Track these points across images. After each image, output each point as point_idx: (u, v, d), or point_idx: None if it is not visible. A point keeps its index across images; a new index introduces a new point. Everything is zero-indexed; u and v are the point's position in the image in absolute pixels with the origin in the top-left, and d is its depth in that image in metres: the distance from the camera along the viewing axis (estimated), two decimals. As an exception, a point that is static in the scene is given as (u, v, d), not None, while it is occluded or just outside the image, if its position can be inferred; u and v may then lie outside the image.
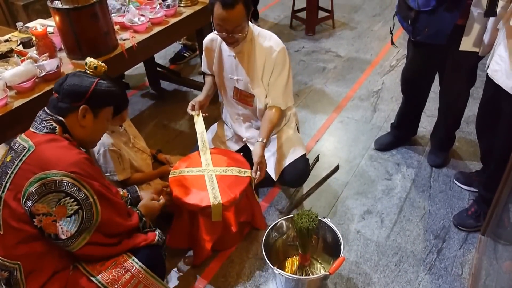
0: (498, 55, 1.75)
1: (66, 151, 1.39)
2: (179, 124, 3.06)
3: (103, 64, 1.54)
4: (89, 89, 1.46)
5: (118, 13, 2.51)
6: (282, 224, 1.94)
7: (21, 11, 3.79)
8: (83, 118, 1.46)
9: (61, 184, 1.31)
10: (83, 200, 1.34)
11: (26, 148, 1.37)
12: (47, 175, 1.30)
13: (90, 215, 1.37)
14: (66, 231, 1.34)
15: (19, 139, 1.43)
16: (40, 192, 1.30)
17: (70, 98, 1.44)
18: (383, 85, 3.35)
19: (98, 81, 1.49)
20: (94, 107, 1.48)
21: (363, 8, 4.77)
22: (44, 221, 1.33)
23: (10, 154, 1.40)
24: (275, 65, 2.02)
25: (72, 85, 1.45)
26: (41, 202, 1.31)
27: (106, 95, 1.51)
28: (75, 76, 1.49)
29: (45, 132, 1.41)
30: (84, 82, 1.47)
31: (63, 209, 1.33)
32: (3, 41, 2.31)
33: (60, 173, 1.31)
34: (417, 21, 2.01)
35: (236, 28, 1.88)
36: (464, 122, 2.73)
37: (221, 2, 1.81)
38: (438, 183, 2.44)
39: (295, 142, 2.22)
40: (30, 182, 1.30)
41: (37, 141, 1.38)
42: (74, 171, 1.33)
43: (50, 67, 1.98)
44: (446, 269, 1.98)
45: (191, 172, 2.00)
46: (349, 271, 1.99)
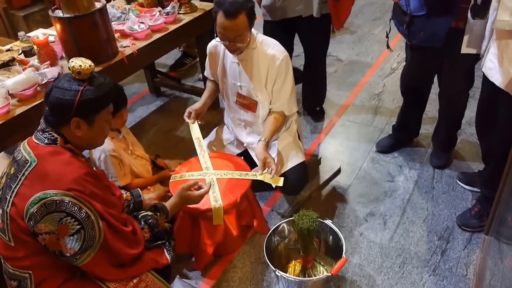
0: (492, 53, 1.75)
1: (66, 167, 1.34)
2: (179, 131, 3.07)
3: (88, 64, 1.38)
4: (74, 101, 1.34)
5: (118, 21, 2.53)
6: (283, 227, 1.94)
7: (21, 22, 3.85)
8: (77, 129, 1.39)
9: (61, 204, 1.28)
10: (84, 219, 1.31)
11: (28, 161, 1.34)
12: (47, 194, 1.27)
13: (92, 233, 1.34)
14: (70, 249, 1.33)
15: (22, 149, 1.41)
16: (41, 212, 1.28)
17: (57, 113, 1.37)
18: (384, 88, 3.36)
19: (83, 90, 1.35)
20: (86, 116, 1.39)
21: (363, 12, 4.78)
22: (48, 239, 1.32)
23: (13, 167, 1.38)
24: (278, 73, 2.04)
25: (56, 98, 1.35)
26: (43, 222, 1.29)
27: (96, 101, 1.39)
28: (58, 88, 1.36)
29: (46, 143, 1.37)
30: (67, 94, 1.34)
31: (65, 228, 1.31)
32: (4, 50, 2.34)
33: (60, 193, 1.28)
34: (412, 25, 2.02)
35: (238, 37, 1.89)
36: (465, 123, 2.73)
37: (223, 11, 1.82)
38: (441, 184, 2.43)
39: (295, 149, 2.22)
40: (30, 202, 1.28)
41: (39, 154, 1.35)
42: (74, 189, 1.30)
43: (51, 74, 2.00)
44: (450, 270, 1.97)
45: (192, 176, 2.00)
46: (353, 274, 1.98)
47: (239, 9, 1.81)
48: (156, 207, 1.63)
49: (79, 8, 2.00)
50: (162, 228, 1.58)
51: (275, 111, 2.12)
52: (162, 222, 1.59)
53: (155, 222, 1.56)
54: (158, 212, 1.61)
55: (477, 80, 2.24)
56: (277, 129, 2.12)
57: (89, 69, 1.37)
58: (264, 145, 2.00)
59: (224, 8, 1.81)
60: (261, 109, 2.13)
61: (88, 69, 1.37)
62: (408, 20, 2.00)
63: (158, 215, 1.59)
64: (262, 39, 2.05)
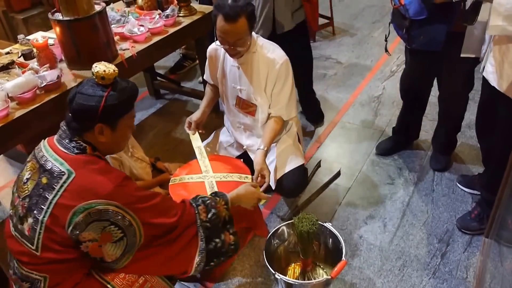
0: (492, 57, 1.75)
1: (106, 176, 1.34)
2: (179, 133, 3.07)
3: (112, 69, 1.37)
4: (98, 107, 1.34)
5: (118, 24, 2.53)
6: (283, 230, 1.93)
7: (21, 25, 3.85)
8: (101, 135, 1.39)
9: (106, 213, 1.30)
10: (127, 227, 1.34)
11: (64, 173, 1.32)
12: (91, 205, 1.29)
13: (133, 240, 1.37)
14: (111, 255, 1.36)
15: (49, 157, 1.38)
16: (86, 221, 1.29)
17: (81, 119, 1.37)
18: (384, 90, 3.36)
19: (108, 96, 1.35)
20: (110, 121, 1.38)
21: (363, 14, 4.79)
22: (90, 247, 1.33)
23: (45, 176, 1.35)
24: (278, 77, 2.03)
25: (79, 104, 1.35)
26: (87, 231, 1.30)
27: (120, 106, 1.38)
28: (82, 94, 1.36)
29: (76, 153, 1.37)
30: (91, 100, 1.34)
31: (108, 235, 1.33)
32: (4, 53, 2.34)
33: (104, 202, 1.30)
34: (412, 30, 2.02)
35: (238, 41, 1.88)
36: (465, 125, 2.73)
37: (223, 14, 1.81)
38: (441, 187, 2.42)
39: (294, 151, 2.22)
40: (75, 212, 1.29)
41: (74, 165, 1.34)
42: (117, 198, 1.32)
43: (50, 77, 2.00)
44: (450, 273, 1.96)
45: (192, 179, 2.00)
46: (352, 277, 1.98)
47: (239, 13, 1.80)
48: (216, 193, 1.66)
49: (79, 11, 2.00)
50: (219, 212, 1.58)
51: (274, 115, 2.11)
52: (221, 207, 1.59)
53: (213, 204, 1.57)
54: (218, 196, 1.62)
55: (477, 82, 2.24)
56: (276, 135, 2.12)
57: (113, 74, 1.37)
58: (263, 154, 1.98)
59: (224, 12, 1.80)
60: (260, 113, 2.12)
61: (112, 74, 1.36)
62: (407, 24, 2.00)
63: (216, 200, 1.60)
64: (263, 43, 2.05)
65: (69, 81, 2.07)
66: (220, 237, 1.58)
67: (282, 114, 2.11)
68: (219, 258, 1.60)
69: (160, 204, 1.45)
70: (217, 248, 1.57)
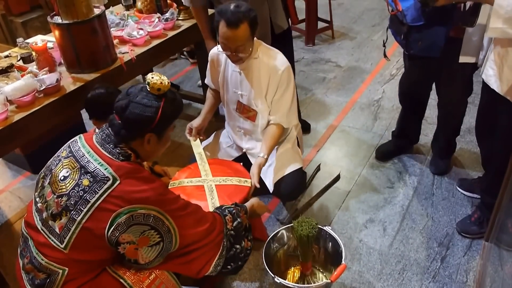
0: (492, 60, 1.75)
1: (148, 185, 1.38)
2: (178, 137, 3.06)
3: (166, 81, 1.40)
4: (155, 119, 1.38)
5: (117, 27, 2.54)
6: (282, 234, 1.93)
7: (19, 28, 3.85)
8: (148, 144, 1.43)
9: (148, 218, 1.35)
10: (165, 233, 1.39)
11: (109, 179, 1.35)
12: (136, 208, 1.33)
13: (169, 246, 1.43)
14: (145, 258, 1.40)
15: (91, 159, 1.39)
16: (128, 223, 1.33)
17: (134, 129, 1.39)
18: (383, 94, 3.36)
19: (164, 106, 1.39)
20: (160, 131, 1.44)
21: (362, 18, 4.80)
22: (127, 249, 1.37)
23: (87, 178, 1.37)
24: (279, 84, 2.03)
25: (135, 114, 1.36)
26: (128, 232, 1.34)
27: (171, 117, 1.45)
28: (137, 103, 1.37)
29: (121, 160, 1.39)
30: (148, 110, 1.37)
31: (146, 239, 1.37)
32: (3, 56, 2.34)
33: (147, 207, 1.35)
34: (410, 35, 2.02)
35: (240, 47, 1.88)
36: (465, 129, 2.72)
37: (225, 20, 1.81)
38: (440, 191, 2.42)
39: (293, 155, 2.21)
40: (118, 213, 1.32)
41: (118, 171, 1.36)
42: (159, 205, 1.37)
43: (50, 81, 2.00)
44: (450, 276, 1.95)
45: (191, 182, 2.00)
46: (352, 280, 1.97)
47: (241, 18, 1.80)
48: (236, 203, 1.74)
49: (78, 15, 2.00)
50: (243, 221, 1.68)
51: (274, 123, 2.09)
52: (243, 215, 1.69)
53: (237, 212, 1.67)
54: (239, 206, 1.72)
55: (476, 86, 2.24)
56: (276, 143, 2.11)
57: (167, 86, 1.41)
58: (261, 162, 1.98)
59: (226, 18, 1.80)
60: (260, 118, 2.12)
61: (167, 86, 1.40)
62: (405, 30, 2.00)
63: (239, 209, 1.70)
64: (265, 49, 2.05)
65: (68, 85, 2.07)
66: (241, 244, 1.67)
67: (282, 122, 2.09)
68: (237, 262, 1.67)
69: (195, 213, 1.52)
70: (236, 254, 1.65)
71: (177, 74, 3.96)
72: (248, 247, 1.70)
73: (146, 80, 1.39)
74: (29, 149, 2.68)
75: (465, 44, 1.96)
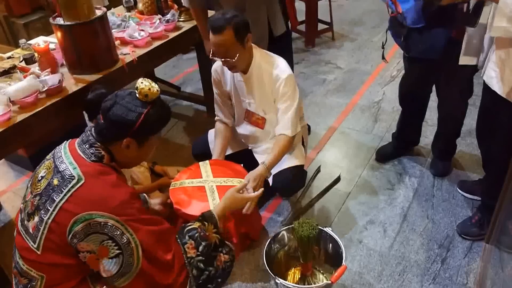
0: (493, 62, 1.76)
1: (114, 190, 1.35)
2: (179, 138, 3.07)
3: (156, 89, 1.39)
4: (135, 123, 1.36)
5: (118, 29, 2.55)
6: (283, 235, 1.93)
7: (21, 30, 3.86)
8: (127, 148, 1.40)
9: (105, 226, 1.30)
10: (124, 245, 1.33)
11: (74, 177, 1.33)
12: (92, 215, 1.29)
13: (130, 260, 1.35)
14: (107, 271, 1.35)
15: (65, 159, 1.39)
16: (85, 231, 1.30)
17: (114, 130, 1.38)
18: (384, 96, 3.36)
19: (147, 113, 1.37)
20: (140, 138, 1.41)
21: (362, 20, 4.81)
22: (88, 258, 1.34)
23: (57, 177, 1.36)
24: (281, 94, 2.00)
25: (117, 116, 1.36)
26: (86, 241, 1.31)
27: (154, 126, 1.43)
28: (121, 105, 1.37)
29: (92, 160, 1.37)
30: (130, 114, 1.36)
31: (105, 250, 1.33)
32: (5, 58, 2.35)
33: (105, 216, 1.30)
34: (410, 38, 2.03)
35: (227, 53, 1.88)
36: (466, 131, 2.73)
37: (210, 26, 1.85)
38: (441, 192, 2.42)
39: (296, 151, 2.22)
40: (75, 221, 1.29)
41: (85, 172, 1.34)
42: (120, 214, 1.32)
43: (52, 82, 2.01)
44: (450, 278, 1.96)
45: (192, 183, 2.00)
46: (352, 282, 1.97)
47: (224, 24, 1.81)
48: (203, 216, 1.60)
49: (80, 16, 2.01)
50: (209, 241, 1.54)
51: (281, 133, 2.02)
52: (210, 233, 1.56)
53: (203, 235, 1.53)
54: (206, 221, 1.58)
55: (477, 88, 2.25)
56: (284, 154, 2.04)
57: (156, 93, 1.39)
58: (262, 171, 1.91)
59: (210, 24, 1.85)
60: (269, 125, 2.12)
61: (155, 94, 1.39)
62: (405, 32, 2.01)
63: (206, 225, 1.56)
64: (266, 57, 2.03)
65: (70, 86, 2.08)
66: (213, 265, 1.54)
67: (287, 132, 2.02)
68: (216, 281, 1.55)
69: (161, 233, 1.43)
70: (211, 276, 1.53)
71: (177, 75, 3.98)
72: (226, 260, 1.59)
73: (136, 85, 1.38)
74: (32, 149, 2.68)
75: (465, 46, 1.97)
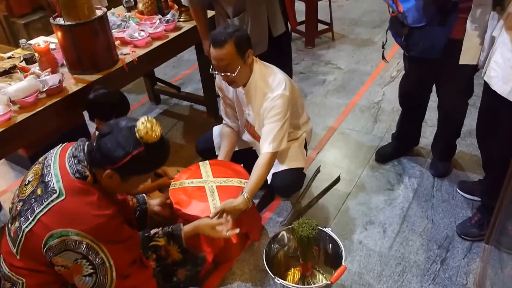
0: (494, 62, 1.76)
1: (92, 211, 1.33)
2: (179, 139, 3.08)
3: (155, 133, 1.32)
4: (120, 161, 1.31)
5: (118, 29, 2.55)
6: (283, 235, 1.93)
7: (22, 30, 3.87)
8: (109, 179, 1.36)
9: (80, 245, 1.30)
10: (98, 265, 1.34)
11: (56, 192, 1.32)
12: (68, 233, 1.29)
13: (104, 281, 1.36)
14: (82, 285, 1.36)
15: (52, 169, 1.38)
16: (60, 247, 1.30)
17: (99, 158, 1.34)
18: (383, 96, 3.37)
19: (136, 154, 1.31)
20: (123, 174, 1.36)
21: (362, 20, 4.81)
22: (62, 271, 1.35)
23: (41, 187, 1.36)
24: (269, 114, 1.95)
25: (106, 147, 1.31)
26: (60, 256, 1.32)
27: (140, 168, 1.37)
28: (114, 138, 1.31)
29: (76, 177, 1.35)
30: (118, 151, 1.30)
31: (79, 267, 1.34)
32: (6, 58, 2.36)
33: (81, 234, 1.30)
34: (411, 37, 2.03)
35: (227, 67, 1.87)
36: (465, 131, 2.73)
37: (211, 40, 1.85)
38: (441, 193, 2.43)
39: (297, 153, 2.21)
40: (51, 235, 1.29)
41: (68, 187, 1.33)
42: (96, 234, 1.31)
43: (52, 82, 2.01)
44: (450, 279, 1.96)
45: (192, 183, 2.01)
46: (352, 282, 1.97)
47: (226, 37, 1.81)
48: (172, 235, 1.65)
49: (80, 16, 2.01)
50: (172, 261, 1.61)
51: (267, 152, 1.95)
52: (174, 253, 1.61)
53: (165, 254, 1.60)
54: (173, 239, 1.63)
55: (477, 88, 2.25)
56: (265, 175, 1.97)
57: (153, 138, 1.32)
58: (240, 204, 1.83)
59: (212, 38, 1.85)
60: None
61: (152, 138, 1.32)
62: (406, 31, 2.01)
63: (170, 244, 1.62)
64: (263, 73, 2.00)
65: (70, 86, 2.08)
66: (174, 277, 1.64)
67: (269, 149, 1.95)
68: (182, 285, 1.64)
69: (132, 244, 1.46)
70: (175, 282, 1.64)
71: (178, 75, 3.98)
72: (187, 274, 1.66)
73: (137, 122, 1.32)
74: (32, 150, 2.68)
75: (465, 45, 1.97)
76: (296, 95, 2.13)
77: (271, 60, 2.13)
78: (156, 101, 3.52)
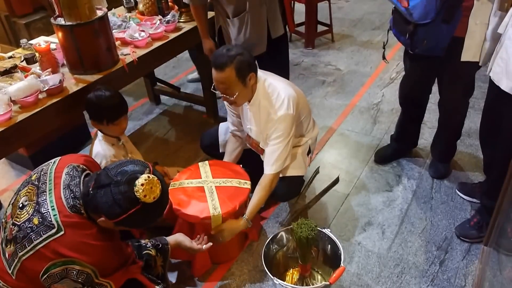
0: (500, 57, 1.75)
1: (92, 243, 1.34)
2: (179, 139, 3.08)
3: (153, 196, 1.31)
4: (116, 218, 1.31)
5: (119, 29, 2.55)
6: (282, 236, 1.94)
7: (23, 30, 3.87)
8: (103, 223, 1.36)
9: (81, 274, 1.32)
10: None
11: (54, 227, 1.32)
12: (74, 261, 1.31)
13: None
14: None
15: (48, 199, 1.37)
16: (61, 275, 1.32)
17: (95, 209, 1.34)
18: (383, 98, 3.37)
19: (132, 213, 1.31)
20: (118, 225, 1.36)
21: (362, 21, 4.82)
22: None
23: (37, 217, 1.34)
24: (273, 135, 1.96)
25: (101, 201, 1.30)
26: (60, 283, 1.33)
27: (134, 224, 1.40)
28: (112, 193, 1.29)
29: (73, 212, 1.36)
30: (113, 208, 1.30)
31: None
32: (6, 57, 2.36)
33: (84, 265, 1.32)
34: (416, 34, 2.02)
35: (227, 90, 1.88)
36: (465, 133, 2.74)
37: (213, 62, 1.85)
38: (440, 194, 2.43)
39: (299, 161, 2.17)
40: (54, 263, 1.30)
41: (65, 222, 1.33)
42: (97, 267, 1.34)
43: (52, 81, 2.02)
44: (449, 280, 1.96)
45: (191, 183, 2.01)
46: (351, 283, 1.98)
47: (227, 62, 1.80)
48: (160, 248, 1.71)
49: (81, 16, 2.02)
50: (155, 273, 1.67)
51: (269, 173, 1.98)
52: (158, 265, 1.68)
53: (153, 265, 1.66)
54: (160, 252, 1.69)
55: (476, 90, 2.26)
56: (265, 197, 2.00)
57: (150, 200, 1.31)
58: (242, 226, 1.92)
59: (214, 59, 1.85)
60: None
61: (148, 200, 1.31)
62: (411, 28, 2.01)
63: (157, 257, 1.68)
64: (267, 92, 1.97)
65: (71, 86, 2.09)
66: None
67: (271, 170, 1.98)
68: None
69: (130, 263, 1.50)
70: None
71: (178, 76, 3.99)
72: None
73: (137, 180, 1.31)
74: (32, 149, 2.69)
75: (467, 42, 1.97)
76: (301, 107, 2.08)
77: (268, 61, 2.13)
78: (156, 101, 3.52)
